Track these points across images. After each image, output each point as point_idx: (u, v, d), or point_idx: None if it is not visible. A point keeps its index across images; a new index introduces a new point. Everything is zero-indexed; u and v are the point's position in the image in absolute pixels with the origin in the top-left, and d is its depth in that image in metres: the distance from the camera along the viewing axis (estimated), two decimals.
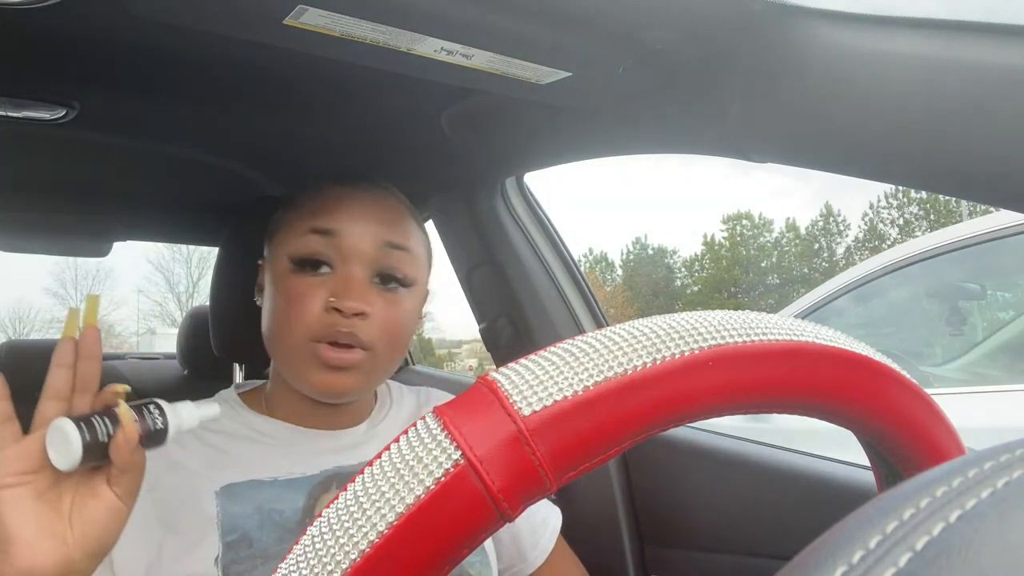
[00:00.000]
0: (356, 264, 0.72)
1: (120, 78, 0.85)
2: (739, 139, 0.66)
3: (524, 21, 0.61)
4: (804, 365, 0.28)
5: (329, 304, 0.69)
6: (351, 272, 0.71)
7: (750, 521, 0.93)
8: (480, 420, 0.24)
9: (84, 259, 12.49)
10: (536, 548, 0.85)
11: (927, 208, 27.65)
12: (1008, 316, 2.89)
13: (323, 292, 0.70)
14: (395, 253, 0.73)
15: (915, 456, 0.31)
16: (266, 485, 0.71)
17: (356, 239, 0.72)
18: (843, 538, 0.15)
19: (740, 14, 0.59)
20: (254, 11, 0.58)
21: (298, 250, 0.72)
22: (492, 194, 1.15)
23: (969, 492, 0.15)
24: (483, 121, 0.96)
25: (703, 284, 32.70)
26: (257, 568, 0.66)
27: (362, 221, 0.73)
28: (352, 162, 1.17)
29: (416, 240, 0.77)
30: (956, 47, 0.49)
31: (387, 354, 0.73)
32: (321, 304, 0.70)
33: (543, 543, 0.85)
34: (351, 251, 0.72)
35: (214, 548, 0.66)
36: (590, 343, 0.26)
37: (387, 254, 0.73)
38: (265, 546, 0.67)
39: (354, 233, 0.72)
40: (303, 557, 0.24)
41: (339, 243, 0.72)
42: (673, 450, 1.02)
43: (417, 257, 0.76)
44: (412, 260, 0.75)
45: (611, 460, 0.95)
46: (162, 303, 27.85)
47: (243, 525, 0.68)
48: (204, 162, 1.18)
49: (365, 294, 0.71)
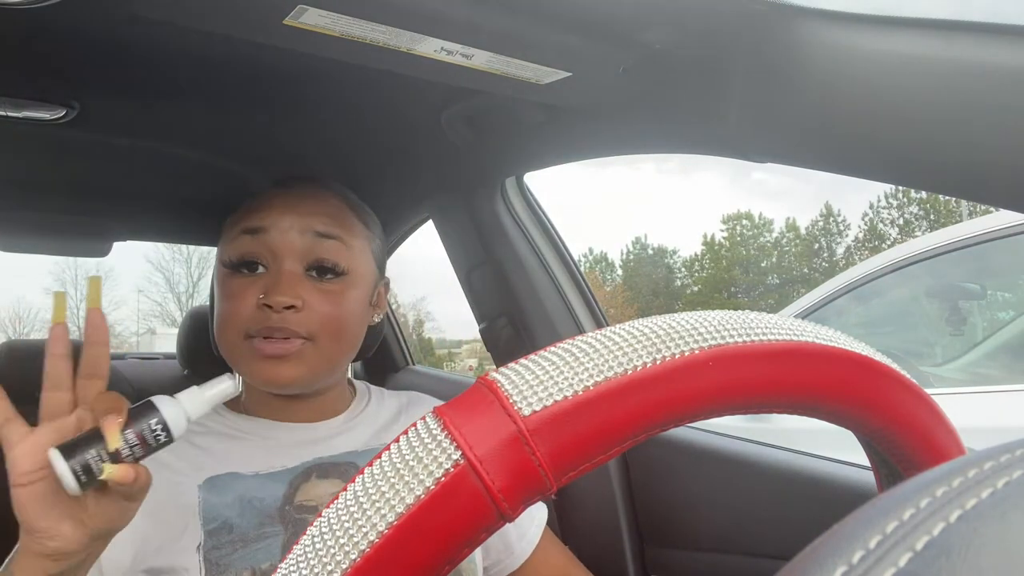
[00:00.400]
0: (287, 258, 0.73)
1: (120, 78, 0.85)
2: (739, 139, 0.66)
3: (524, 21, 0.61)
4: (804, 365, 0.28)
5: (259, 301, 0.71)
6: (282, 267, 0.73)
7: (750, 521, 0.93)
8: (480, 420, 0.24)
9: (84, 259, 12.50)
10: (523, 539, 0.85)
11: (927, 208, 27.65)
12: (1008, 316, 2.89)
13: (255, 290, 0.72)
14: (326, 243, 0.74)
15: (915, 456, 0.31)
16: (247, 478, 0.73)
17: (283, 233, 0.73)
18: (843, 538, 0.15)
19: (740, 14, 0.59)
20: (254, 11, 0.58)
21: (231, 253, 0.74)
22: (492, 194, 1.15)
23: (969, 492, 0.15)
24: (483, 121, 0.96)
25: (703, 284, 32.70)
26: (237, 551, 0.68)
27: (289, 215, 0.74)
28: (352, 162, 1.17)
29: (352, 230, 0.78)
30: (956, 47, 0.49)
31: (332, 343, 0.74)
32: (253, 301, 0.72)
33: (530, 535, 0.86)
34: (280, 246, 0.73)
35: (196, 537, 0.68)
36: (590, 343, 0.26)
37: (317, 245, 0.74)
38: (245, 531, 0.69)
39: (281, 228, 0.73)
40: (303, 557, 0.24)
41: (268, 240, 0.73)
42: (673, 450, 1.02)
43: (353, 247, 0.77)
44: (346, 249, 0.76)
45: (611, 460, 0.95)
46: (162, 303, 27.87)
47: (224, 513, 0.69)
48: (204, 162, 1.18)
49: (296, 287, 0.72)
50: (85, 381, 0.54)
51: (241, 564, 0.68)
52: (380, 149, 1.12)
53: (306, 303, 0.72)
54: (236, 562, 0.68)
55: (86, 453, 0.50)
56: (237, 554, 0.68)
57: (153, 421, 0.53)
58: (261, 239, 0.73)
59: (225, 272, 0.75)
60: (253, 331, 0.71)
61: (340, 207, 0.78)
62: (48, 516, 0.51)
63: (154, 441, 0.53)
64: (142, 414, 0.53)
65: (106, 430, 0.51)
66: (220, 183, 1.26)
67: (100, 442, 0.50)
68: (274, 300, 0.70)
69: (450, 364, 25.58)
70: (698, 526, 1.00)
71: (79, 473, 0.49)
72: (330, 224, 0.75)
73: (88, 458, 0.50)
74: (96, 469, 0.50)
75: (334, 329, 0.74)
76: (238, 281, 0.73)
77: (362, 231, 0.79)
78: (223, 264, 0.75)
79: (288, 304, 0.71)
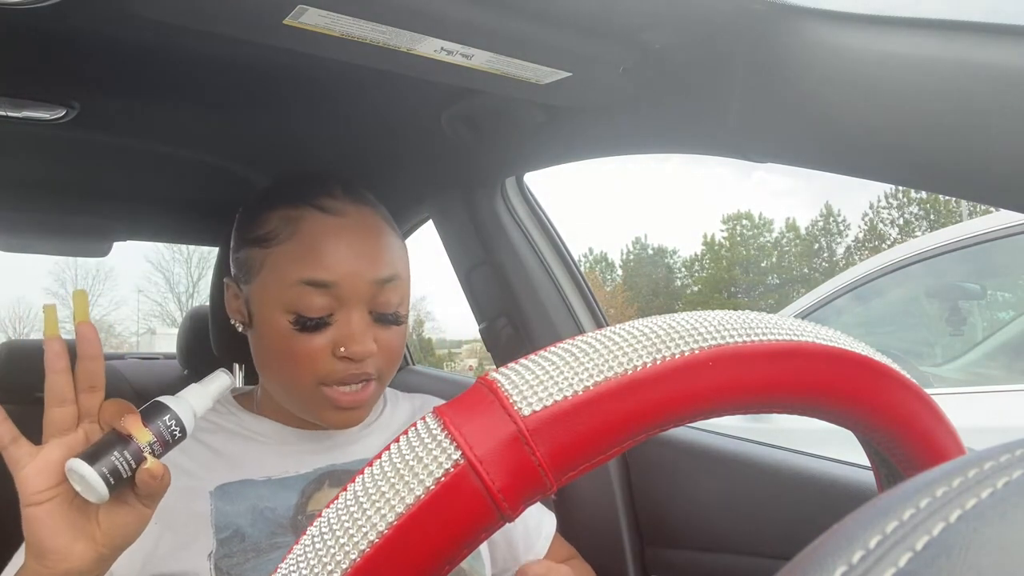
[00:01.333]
0: (355, 308, 0.70)
1: (120, 78, 0.85)
2: (739, 139, 0.66)
3: (524, 21, 0.61)
4: (804, 365, 0.28)
5: (340, 354, 0.69)
6: (352, 318, 0.70)
7: (750, 521, 0.93)
8: (480, 420, 0.24)
9: (84, 259, 12.50)
10: (531, 552, 0.85)
11: (927, 208, 27.65)
12: (1008, 316, 2.89)
13: (327, 340, 0.69)
14: (387, 287, 0.72)
15: (915, 456, 0.31)
16: (259, 484, 0.72)
17: (352, 286, 0.70)
18: (843, 538, 0.15)
19: (740, 14, 0.59)
20: (254, 11, 0.58)
21: (297, 307, 0.69)
22: (492, 194, 1.15)
23: (969, 492, 0.15)
24: (483, 121, 0.96)
25: (703, 284, 32.70)
26: (249, 561, 0.67)
27: (356, 263, 0.70)
28: (352, 162, 1.17)
29: (400, 258, 0.75)
30: (956, 47, 0.49)
31: (391, 372, 0.74)
32: (329, 352, 0.69)
33: (537, 548, 0.85)
34: (350, 297, 0.70)
35: (208, 545, 0.67)
36: (590, 343, 0.26)
37: (380, 291, 0.71)
38: (257, 540, 0.68)
39: (350, 280, 0.70)
40: (303, 557, 0.24)
41: (338, 293, 0.69)
42: (673, 450, 1.02)
43: (404, 277, 0.75)
44: (402, 284, 0.74)
45: (611, 460, 0.94)
46: (162, 303, 27.88)
47: (236, 522, 0.69)
48: (204, 162, 1.18)
49: (368, 333, 0.70)
50: (84, 395, 0.53)
51: (253, 574, 0.67)
52: (380, 149, 1.12)
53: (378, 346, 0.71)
54: (248, 572, 0.67)
55: (109, 456, 0.50)
56: (249, 564, 0.67)
57: (167, 418, 0.54)
58: (332, 293, 0.69)
59: (286, 324, 0.69)
60: (329, 380, 0.70)
61: (390, 235, 0.75)
62: (63, 534, 0.50)
63: (171, 437, 0.54)
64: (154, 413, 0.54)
65: (131, 428, 0.51)
66: (220, 183, 1.26)
67: (119, 445, 0.51)
68: (356, 352, 0.69)
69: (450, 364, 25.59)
70: (698, 526, 1.00)
71: (107, 476, 0.50)
72: (391, 263, 0.73)
73: (113, 460, 0.50)
74: (123, 470, 0.50)
75: (395, 360, 0.74)
76: (309, 336, 0.69)
77: (402, 249, 0.77)
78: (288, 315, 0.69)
79: (369, 354, 0.70)
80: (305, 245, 0.70)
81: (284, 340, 0.70)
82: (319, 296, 0.69)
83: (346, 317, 0.70)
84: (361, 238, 0.72)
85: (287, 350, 0.70)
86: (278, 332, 0.70)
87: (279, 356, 0.71)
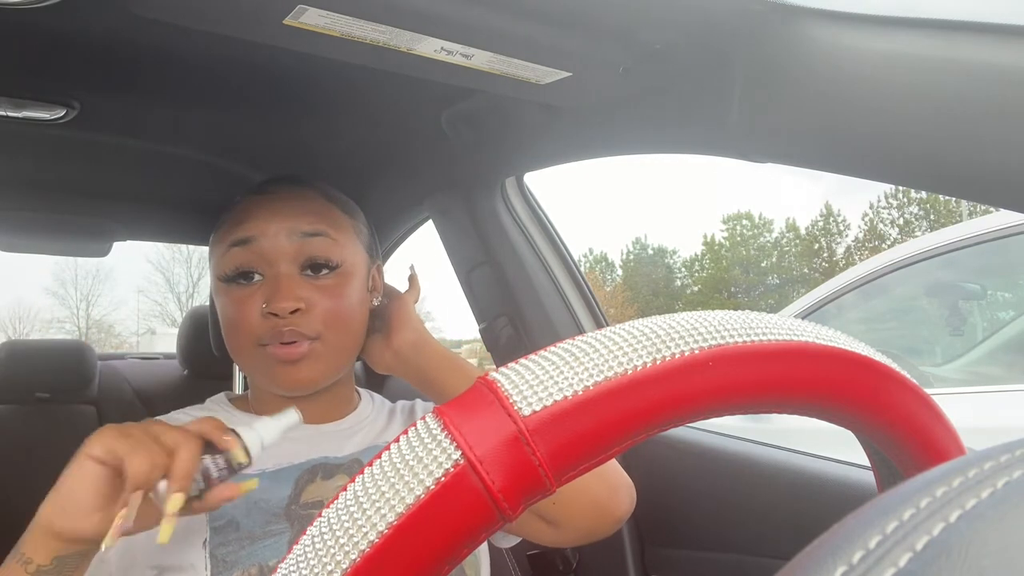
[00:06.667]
0: (280, 263, 0.74)
1: (120, 78, 0.85)
2: (739, 139, 0.66)
3: (524, 21, 0.61)
4: (804, 365, 0.28)
5: (264, 310, 0.73)
6: (278, 273, 0.74)
7: (750, 521, 0.93)
8: (480, 420, 0.24)
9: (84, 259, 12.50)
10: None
11: (927, 208, 27.63)
12: (1008, 316, 2.89)
13: (257, 299, 0.74)
14: (314, 241, 0.75)
15: (915, 456, 0.31)
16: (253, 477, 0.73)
17: (272, 239, 0.74)
18: (843, 538, 0.15)
19: (740, 14, 0.59)
20: (254, 11, 0.58)
21: (225, 267, 0.75)
22: (492, 194, 1.15)
23: (969, 492, 0.15)
24: (483, 121, 0.96)
25: (703, 284, 32.68)
26: (244, 549, 0.69)
27: (275, 220, 0.75)
28: (352, 162, 1.17)
29: (336, 222, 0.79)
30: (956, 47, 0.49)
31: (338, 337, 0.76)
32: (258, 310, 0.73)
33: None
34: (271, 252, 0.74)
35: (202, 533, 0.69)
36: (590, 343, 0.26)
37: (307, 244, 0.75)
38: (251, 529, 0.70)
39: (269, 234, 0.74)
40: (303, 557, 0.24)
41: (258, 248, 0.74)
42: (673, 450, 1.02)
43: (340, 238, 0.78)
44: (334, 243, 0.77)
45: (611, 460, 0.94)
46: (162, 303, 27.87)
47: (230, 512, 0.70)
48: (204, 162, 1.18)
49: (296, 289, 0.73)
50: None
51: (248, 561, 0.68)
52: (380, 149, 1.12)
53: (308, 303, 0.73)
54: (243, 559, 0.68)
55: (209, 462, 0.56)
56: (244, 551, 0.69)
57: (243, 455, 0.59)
58: (252, 248, 0.74)
59: (223, 286, 0.76)
60: (265, 339, 0.73)
61: (321, 202, 0.79)
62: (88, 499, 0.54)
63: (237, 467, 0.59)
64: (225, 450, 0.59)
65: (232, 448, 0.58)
66: (220, 183, 1.26)
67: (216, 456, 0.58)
68: (278, 307, 0.72)
69: None
70: (698, 526, 1.00)
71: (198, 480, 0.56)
72: (315, 221, 0.76)
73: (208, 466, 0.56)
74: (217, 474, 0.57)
75: (339, 323, 0.75)
76: (238, 293, 0.75)
77: (346, 221, 0.80)
78: (219, 279, 0.76)
79: (292, 308, 0.72)
80: (234, 215, 0.77)
81: (224, 309, 0.76)
82: (244, 254, 0.74)
83: (273, 274, 0.74)
84: (283, 201, 0.77)
85: (227, 317, 0.76)
86: (221, 304, 0.77)
87: (225, 327, 0.77)
